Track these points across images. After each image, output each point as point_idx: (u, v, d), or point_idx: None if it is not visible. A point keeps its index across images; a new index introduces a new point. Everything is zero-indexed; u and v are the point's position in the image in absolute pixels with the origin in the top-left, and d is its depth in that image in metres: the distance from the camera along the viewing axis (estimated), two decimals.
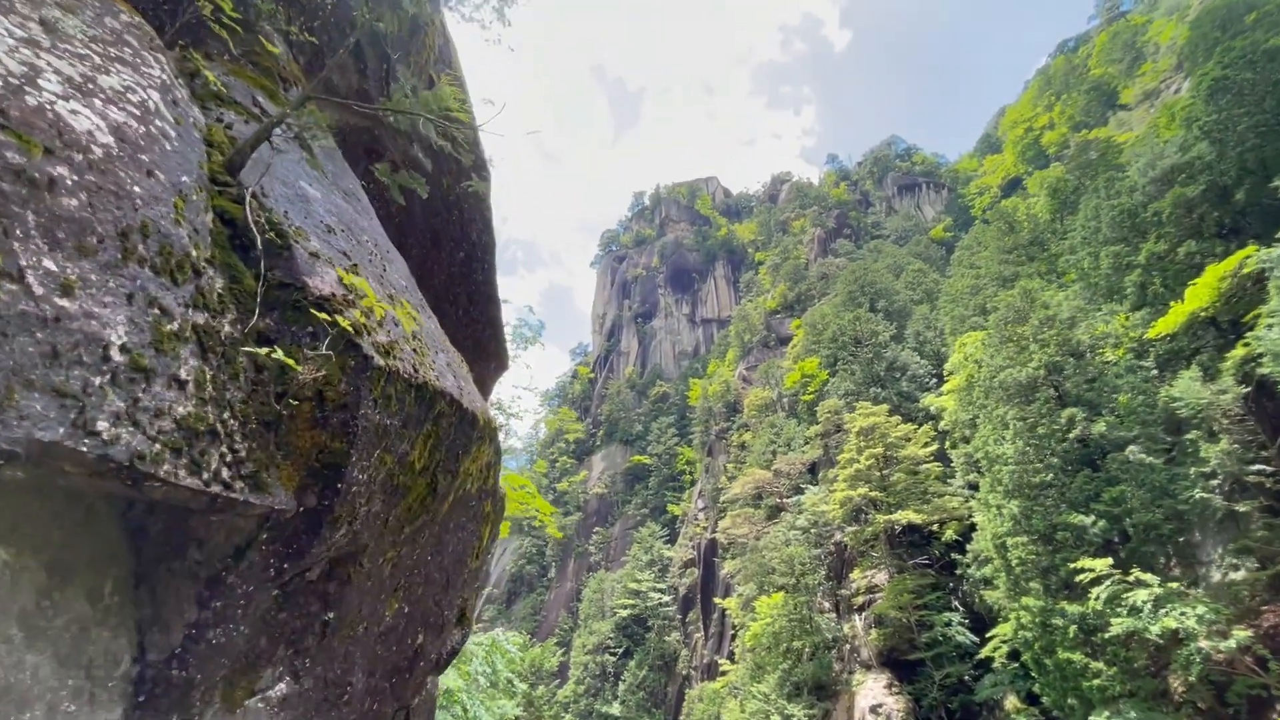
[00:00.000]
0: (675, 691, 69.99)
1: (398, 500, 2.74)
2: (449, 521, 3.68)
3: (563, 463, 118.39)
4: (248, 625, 2.13)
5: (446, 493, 3.28)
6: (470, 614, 4.61)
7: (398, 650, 3.42)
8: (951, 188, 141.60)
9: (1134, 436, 24.52)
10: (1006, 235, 51.91)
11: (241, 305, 2.21)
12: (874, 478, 42.09)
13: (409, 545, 3.09)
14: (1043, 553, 25.85)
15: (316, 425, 2.29)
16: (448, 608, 3.99)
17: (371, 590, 2.78)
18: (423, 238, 5.58)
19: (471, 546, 4.26)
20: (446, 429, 2.99)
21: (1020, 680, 31.35)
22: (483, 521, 4.37)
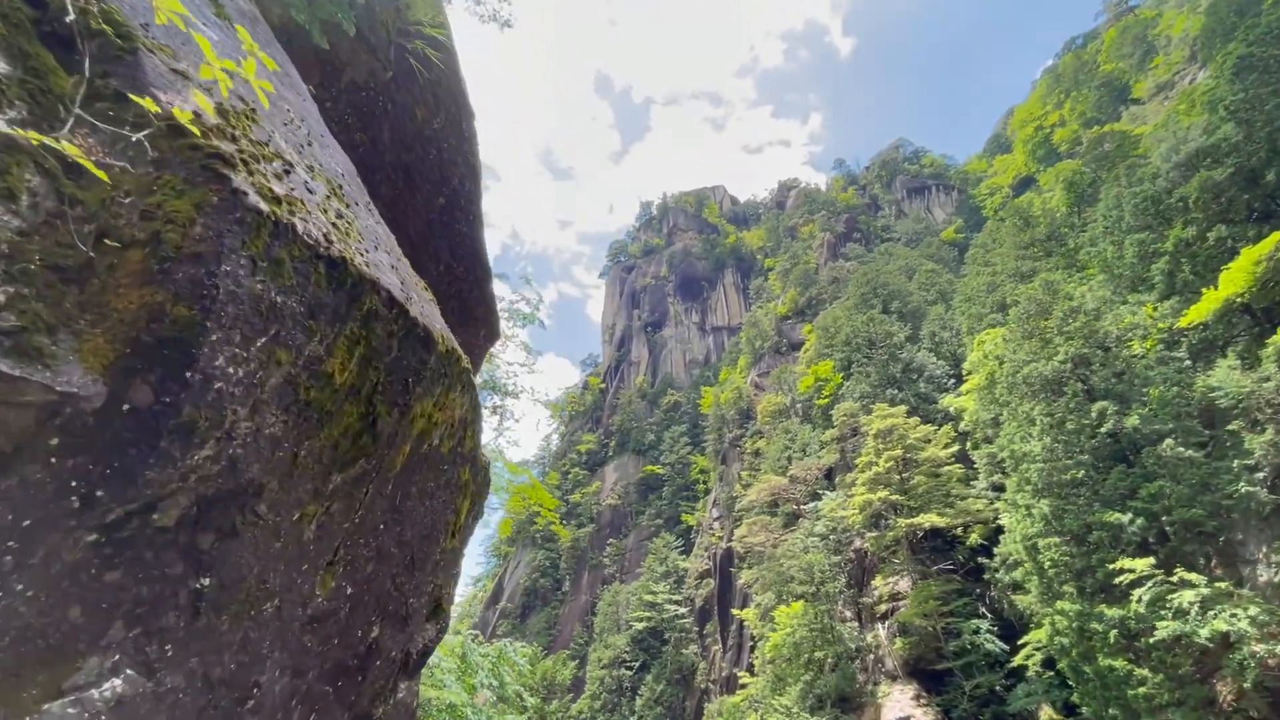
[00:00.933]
0: (694, 706, 68.36)
1: (312, 427, 2.03)
2: (410, 482, 2.96)
3: (575, 474, 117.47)
4: (37, 586, 1.42)
5: (396, 436, 2.56)
6: (447, 605, 3.87)
7: (341, 644, 2.68)
8: (961, 189, 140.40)
9: (1170, 430, 23.34)
10: (1022, 231, 50.79)
11: (41, 106, 1.53)
12: (894, 481, 40.88)
13: (344, 501, 2.38)
14: (1077, 554, 24.63)
15: (149, 281, 1.57)
16: (414, 594, 3.25)
17: (285, 556, 2.06)
18: (393, 175, 4.90)
19: (445, 522, 3.52)
20: (384, 339, 2.27)
21: (1056, 690, 29.92)
22: (459, 492, 3.64)
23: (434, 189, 5.33)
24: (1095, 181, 49.83)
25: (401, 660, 3.42)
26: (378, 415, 2.40)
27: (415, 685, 4.48)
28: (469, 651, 13.90)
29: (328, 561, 2.42)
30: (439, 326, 2.84)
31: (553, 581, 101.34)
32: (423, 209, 5.27)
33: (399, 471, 2.84)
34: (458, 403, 3.27)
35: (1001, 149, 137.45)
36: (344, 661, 2.78)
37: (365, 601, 2.80)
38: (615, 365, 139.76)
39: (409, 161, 5.09)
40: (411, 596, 3.26)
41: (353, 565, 2.59)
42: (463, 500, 3.70)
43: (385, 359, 2.35)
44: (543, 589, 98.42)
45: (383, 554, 2.81)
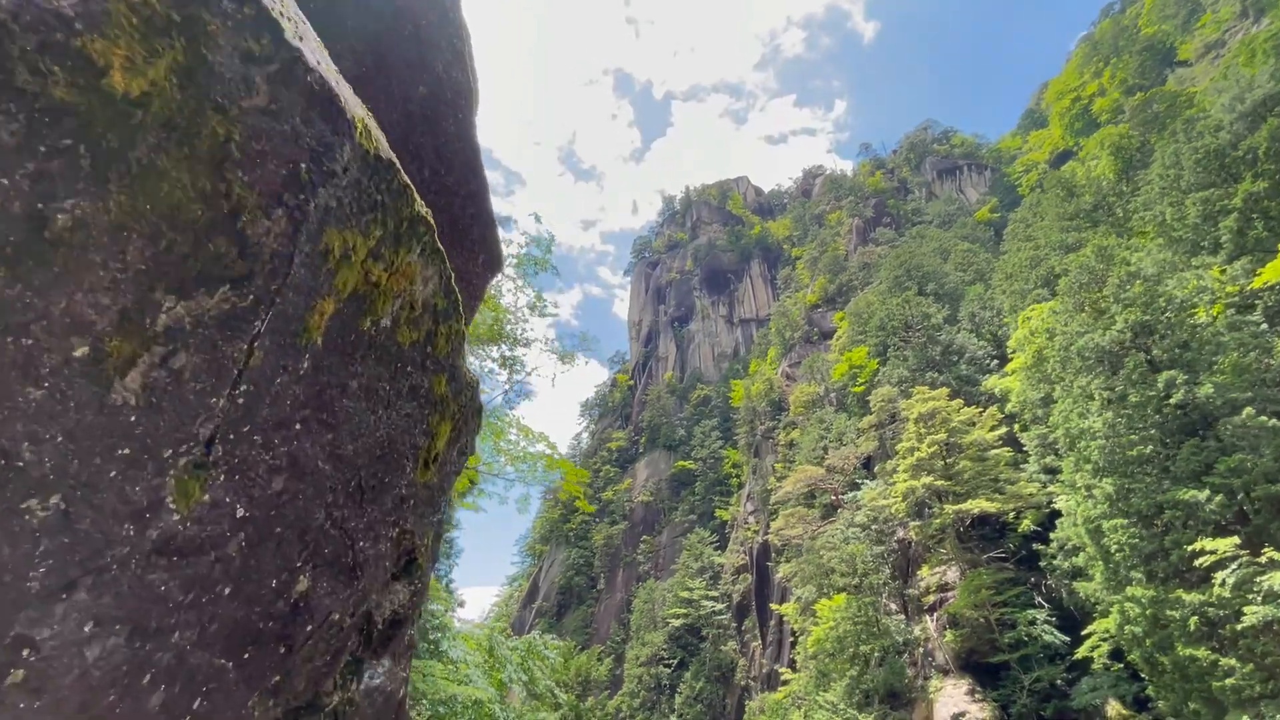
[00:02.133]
0: (734, 703, 67.08)
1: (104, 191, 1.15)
2: (347, 372, 2.07)
3: (606, 472, 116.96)
4: None
5: (295, 270, 1.66)
6: (423, 560, 2.98)
7: (238, 595, 1.80)
8: (995, 168, 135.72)
9: (1248, 398, 21.39)
10: (1066, 201, 48.22)
11: None
12: (937, 466, 39.06)
13: (204, 355, 1.50)
14: (1146, 536, 22.81)
15: None
16: (366, 537, 2.37)
17: (74, 424, 1.20)
18: (356, 47, 4.03)
19: (414, 446, 2.63)
20: (229, 58, 1.38)
21: (1125, 683, 27.97)
22: (433, 409, 2.74)
23: (412, 73, 4.44)
24: (1144, 146, 47.08)
25: (357, 629, 2.53)
26: (242, 207, 1.50)
27: (401, 670, 3.58)
28: (496, 645, 13.15)
29: (190, 460, 1.54)
30: (360, 114, 1.93)
31: (587, 579, 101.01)
32: (399, 96, 4.40)
33: (323, 347, 1.94)
34: (417, 272, 2.37)
35: (1036, 124, 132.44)
36: (249, 623, 1.89)
37: (278, 536, 1.91)
38: (643, 362, 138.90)
39: (378, 32, 4.22)
40: (363, 540, 2.36)
41: (244, 474, 1.70)
42: (439, 420, 2.79)
43: (240, 100, 1.46)
44: (578, 587, 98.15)
45: (302, 467, 1.92)
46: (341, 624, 2.33)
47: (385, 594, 2.70)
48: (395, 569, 2.74)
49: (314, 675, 2.31)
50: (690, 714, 67.33)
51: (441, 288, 2.61)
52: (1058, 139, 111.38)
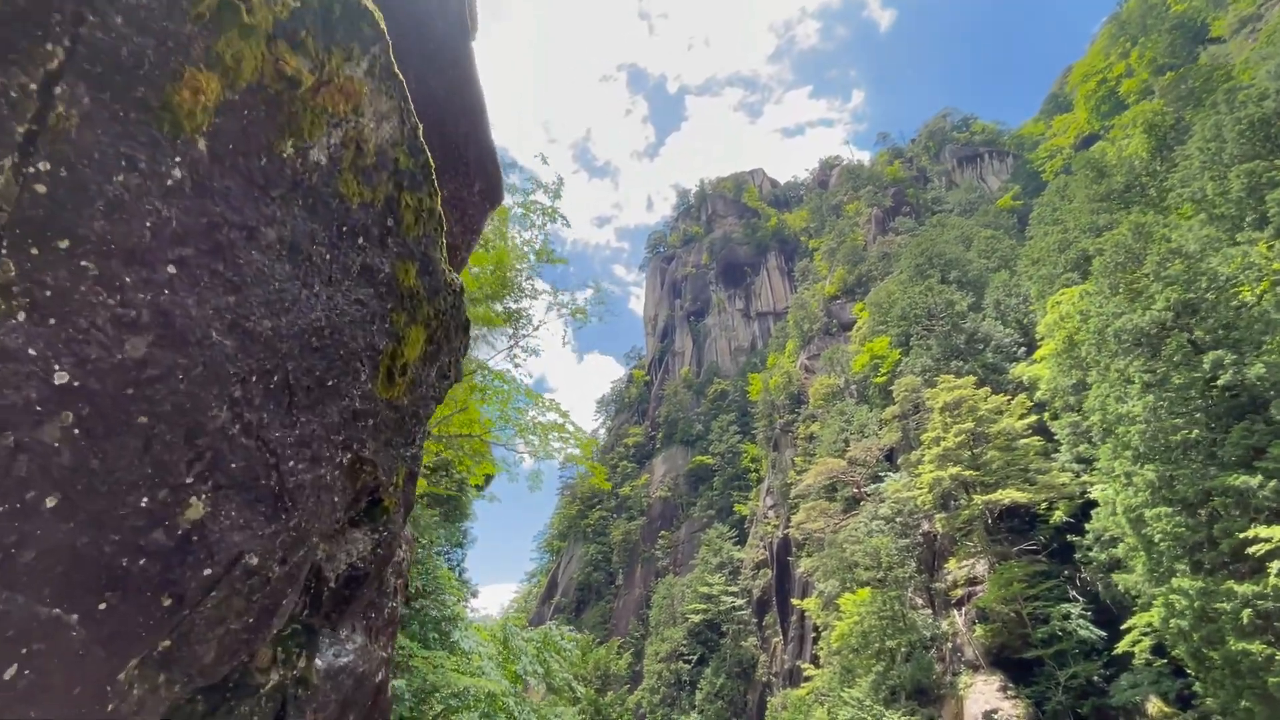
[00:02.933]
0: (756, 700, 66.29)
1: None
2: (253, 210, 1.45)
3: (623, 467, 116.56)
4: None
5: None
6: (391, 504, 2.37)
7: (73, 514, 1.19)
8: (1017, 154, 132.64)
9: None
10: (1096, 183, 46.55)
11: None
12: (964, 457, 37.87)
13: None
14: (1192, 524, 21.66)
15: None
16: (297, 454, 1.75)
17: None
18: None
19: (372, 345, 2.01)
20: None
21: (1168, 679, 26.77)
22: (400, 305, 2.12)
23: None
24: (1179, 124, 45.25)
25: (297, 584, 1.91)
26: None
27: (380, 649, 2.97)
28: (511, 636, 12.61)
29: None
30: None
31: (605, 575, 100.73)
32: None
33: (210, 155, 1.32)
34: (365, 97, 1.74)
35: (1060, 109, 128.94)
36: (101, 556, 1.27)
37: (145, 430, 1.30)
38: (659, 357, 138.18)
39: None
40: (294, 459, 1.74)
41: (64, 318, 1.10)
42: (408, 322, 2.17)
43: None
44: (596, 583, 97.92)
45: (182, 333, 1.30)
46: (266, 572, 1.71)
47: (339, 543, 2.09)
48: (353, 511, 2.13)
49: (230, 643, 1.69)
50: (711, 710, 66.68)
51: (405, 138, 1.97)
52: (1083, 123, 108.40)
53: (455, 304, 2.49)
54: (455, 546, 15.96)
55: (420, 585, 11.44)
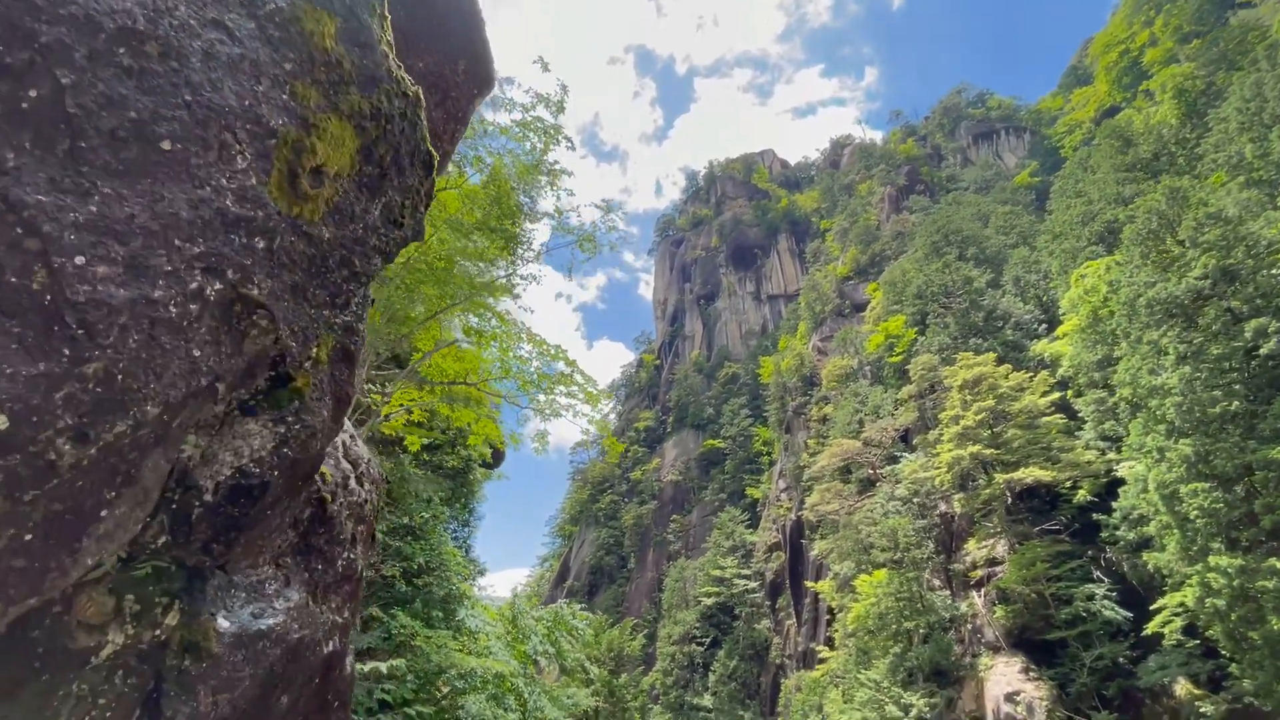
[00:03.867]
0: (769, 682, 66.19)
1: None
2: None
3: (634, 452, 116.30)
4: None
5: None
6: (306, 384, 1.66)
7: None
8: (1034, 130, 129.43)
9: None
10: (1122, 152, 44.88)
11: None
12: (984, 435, 36.92)
13: None
14: (1230, 500, 20.72)
15: None
16: (95, 248, 1.03)
17: None
18: None
19: (252, 112, 1.28)
20: None
21: (1198, 661, 25.94)
22: (304, 72, 1.38)
23: None
24: (1209, 89, 43.40)
25: (106, 475, 1.19)
26: None
27: (333, 611, 2.27)
28: (520, 615, 12.05)
29: None
30: None
31: (618, 559, 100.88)
32: None
33: None
34: None
35: (1080, 81, 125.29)
36: None
37: None
38: (669, 341, 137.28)
39: None
40: (84, 253, 1.01)
41: None
42: (322, 105, 1.43)
43: None
44: (608, 566, 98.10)
45: None
46: (41, 449, 0.99)
47: (223, 437, 1.38)
48: (245, 390, 1.41)
49: None
50: (724, 692, 66.67)
51: None
52: (1104, 95, 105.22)
53: (408, 115, 1.76)
54: (462, 524, 15.40)
55: (424, 562, 10.85)
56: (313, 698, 2.19)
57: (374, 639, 9.54)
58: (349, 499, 2.55)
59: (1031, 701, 29.55)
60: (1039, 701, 29.45)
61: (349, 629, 2.46)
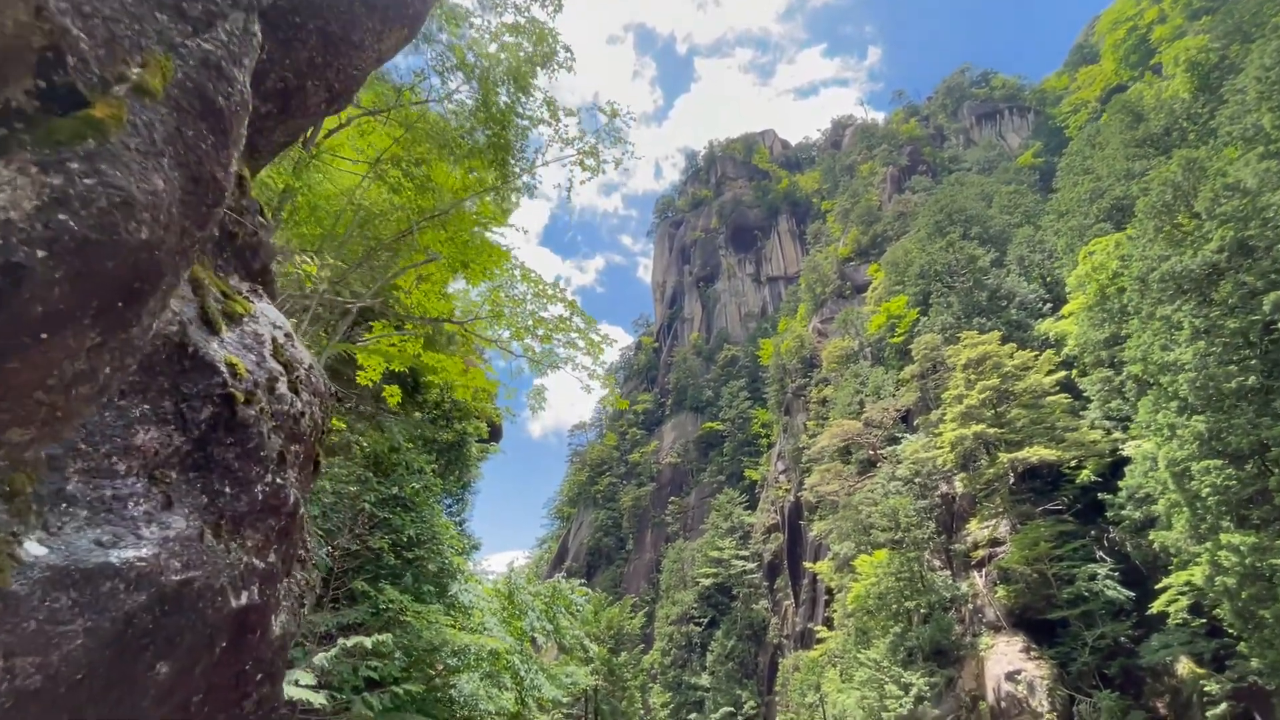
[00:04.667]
0: (767, 661, 66.55)
1: None
2: None
3: (633, 434, 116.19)
4: None
5: None
6: (108, 111, 1.02)
7: None
8: (1038, 110, 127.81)
9: None
10: (1132, 128, 43.92)
11: None
12: (987, 415, 36.48)
13: None
14: (1243, 478, 20.27)
15: None
16: None
17: None
18: None
19: None
20: None
21: (1202, 640, 25.76)
22: None
23: None
24: (1223, 63, 42.36)
25: None
26: None
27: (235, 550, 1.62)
28: (516, 590, 11.54)
29: None
30: None
31: (616, 540, 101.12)
32: None
33: None
34: None
35: (1086, 60, 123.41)
36: None
37: None
38: (668, 323, 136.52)
39: None
40: None
41: None
42: None
43: None
44: (606, 548, 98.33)
45: None
46: None
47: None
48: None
49: None
50: (722, 671, 67.02)
51: None
52: (1110, 74, 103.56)
53: None
54: (456, 500, 14.86)
55: (414, 535, 10.29)
56: (217, 667, 1.60)
57: (361, 614, 9.01)
58: (277, 407, 1.94)
59: (1032, 680, 29.43)
60: (1040, 680, 29.34)
61: (278, 579, 1.86)
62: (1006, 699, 29.40)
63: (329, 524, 9.73)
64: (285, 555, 1.92)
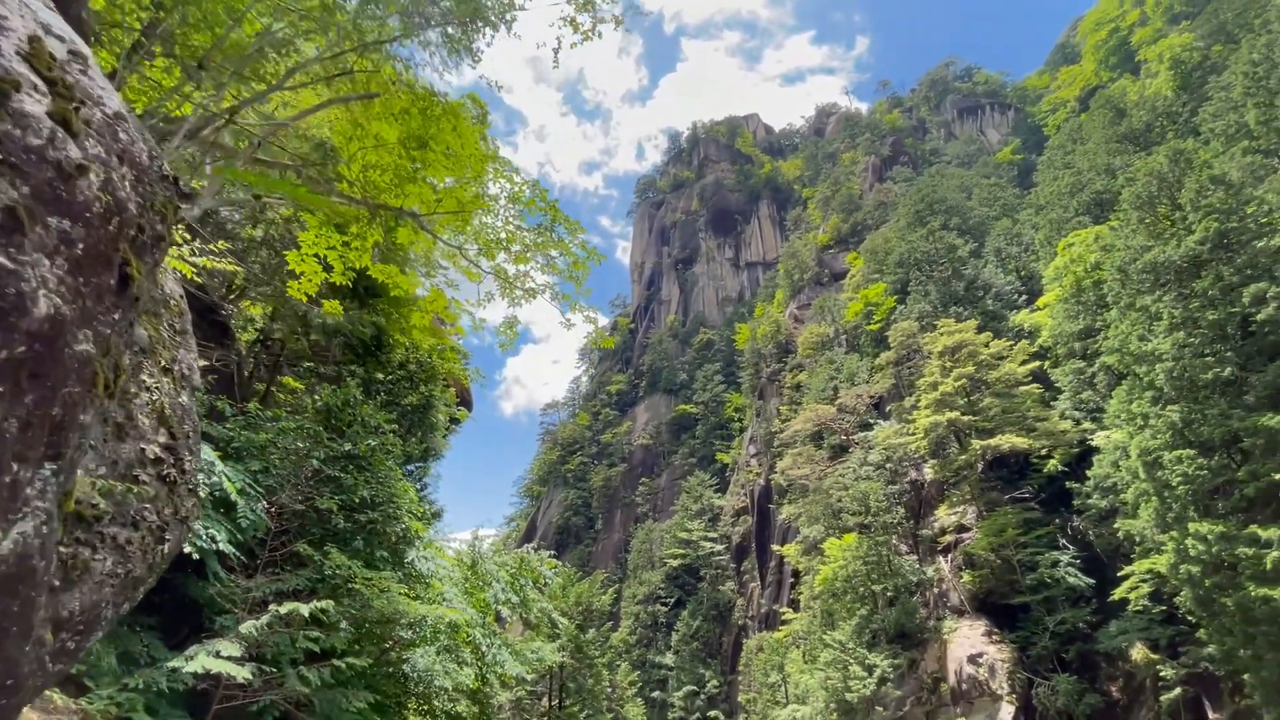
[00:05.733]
0: (731, 642, 67.17)
1: None
2: None
3: (605, 415, 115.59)
4: None
5: None
6: None
7: None
8: (1019, 108, 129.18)
9: None
10: (1115, 124, 44.13)
11: None
12: (961, 403, 36.63)
13: None
14: (1215, 467, 20.42)
15: None
16: None
17: None
18: None
19: None
20: None
21: (1159, 626, 26.29)
22: None
23: None
24: (1206, 62, 42.69)
25: None
26: None
27: None
28: (480, 559, 10.72)
29: None
30: None
31: (585, 520, 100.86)
32: None
33: None
34: None
35: (1068, 60, 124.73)
36: None
37: None
38: (645, 305, 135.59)
39: None
40: None
41: None
42: None
43: None
44: (575, 527, 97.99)
45: None
46: None
47: None
48: None
49: None
50: (686, 651, 67.47)
51: None
52: (1090, 74, 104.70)
53: None
54: (419, 468, 13.91)
55: (368, 496, 9.35)
56: None
57: (303, 580, 8.07)
58: (8, 128, 1.10)
59: (993, 663, 29.84)
60: (1001, 663, 29.76)
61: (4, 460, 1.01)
62: (968, 681, 29.79)
63: (270, 480, 8.74)
64: (34, 417, 1.10)
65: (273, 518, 8.52)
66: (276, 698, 6.58)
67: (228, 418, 9.27)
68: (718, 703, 61.82)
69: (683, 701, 62.27)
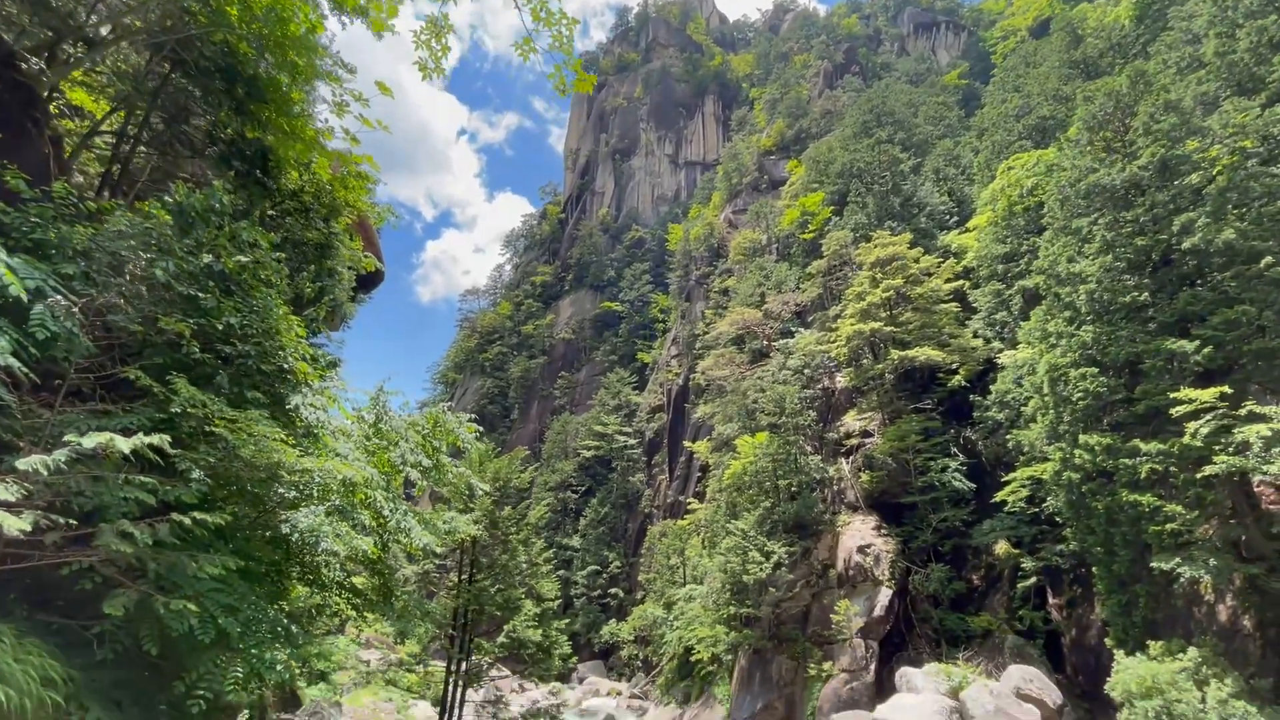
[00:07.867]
0: (636, 528, 70.50)
1: None
2: None
3: (528, 305, 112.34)
4: None
5: None
6: None
7: None
8: (972, 31, 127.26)
9: (1271, 248, 19.40)
10: (1071, 49, 43.57)
11: None
12: (883, 315, 37.39)
13: None
14: (1114, 385, 21.66)
15: None
16: None
17: None
18: None
19: None
20: None
21: (1025, 526, 29.11)
22: None
23: None
24: None
25: None
26: None
27: None
28: (385, 414, 9.11)
29: None
30: None
31: (501, 409, 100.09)
32: None
33: None
34: None
35: None
36: None
37: None
38: (577, 195, 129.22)
39: None
40: None
41: None
42: None
43: None
44: (491, 415, 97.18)
45: None
46: None
47: None
48: None
49: None
50: (593, 535, 70.33)
51: None
52: (1044, 3, 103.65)
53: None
54: (309, 303, 11.72)
55: (235, 324, 7.32)
56: None
57: (139, 419, 6.15)
58: None
59: (879, 553, 32.43)
60: (885, 553, 32.39)
61: None
62: (854, 568, 32.31)
63: (93, 290, 6.52)
64: None
65: (95, 339, 6.39)
66: (91, 560, 4.91)
67: (24, 200, 6.76)
68: (619, 581, 65.56)
69: (585, 580, 65.57)
